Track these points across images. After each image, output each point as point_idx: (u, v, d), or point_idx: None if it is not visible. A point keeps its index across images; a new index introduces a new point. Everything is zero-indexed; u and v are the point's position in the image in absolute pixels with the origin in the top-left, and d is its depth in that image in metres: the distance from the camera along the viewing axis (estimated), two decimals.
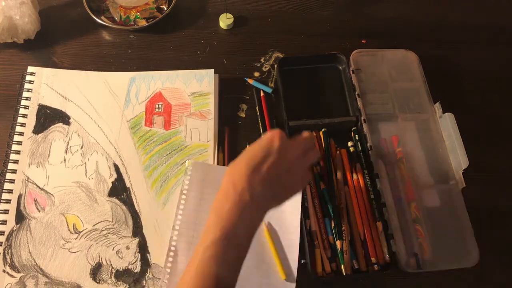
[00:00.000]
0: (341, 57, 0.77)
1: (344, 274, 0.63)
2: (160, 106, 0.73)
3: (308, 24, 0.85)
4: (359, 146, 0.71)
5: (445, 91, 0.77)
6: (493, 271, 0.66)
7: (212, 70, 0.76)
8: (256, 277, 0.61)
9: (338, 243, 0.64)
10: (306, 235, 0.64)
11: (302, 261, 0.63)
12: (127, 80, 0.75)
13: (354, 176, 0.69)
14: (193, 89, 0.75)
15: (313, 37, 0.83)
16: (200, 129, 0.72)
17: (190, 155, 0.70)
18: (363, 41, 0.83)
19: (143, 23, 0.81)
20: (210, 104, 0.73)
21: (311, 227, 0.65)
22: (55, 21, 0.81)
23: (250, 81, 0.77)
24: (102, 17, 0.81)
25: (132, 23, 0.82)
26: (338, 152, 0.71)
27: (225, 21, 0.82)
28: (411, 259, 0.63)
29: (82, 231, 0.64)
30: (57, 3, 0.84)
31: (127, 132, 0.71)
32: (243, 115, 0.75)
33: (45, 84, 0.74)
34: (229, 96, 0.76)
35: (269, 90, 0.76)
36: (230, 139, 0.72)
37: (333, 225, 0.65)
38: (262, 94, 0.76)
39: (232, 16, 0.82)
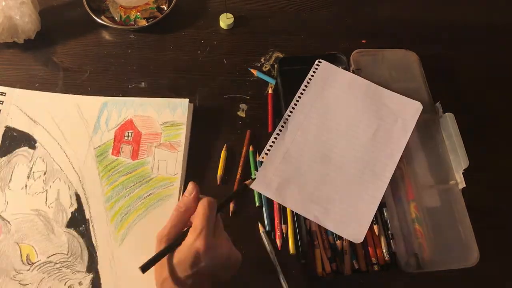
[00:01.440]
0: (341, 57, 0.77)
1: (344, 274, 0.63)
2: (130, 134, 0.70)
3: (308, 24, 0.85)
4: None
5: (445, 91, 0.77)
6: (493, 271, 0.66)
7: (187, 100, 0.73)
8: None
9: (338, 243, 0.64)
10: (306, 235, 0.64)
11: (302, 261, 0.63)
12: (99, 105, 0.72)
13: None
14: (166, 118, 0.72)
15: (313, 37, 0.83)
16: (168, 161, 0.69)
17: (155, 188, 0.67)
18: (363, 41, 0.83)
19: (143, 23, 0.81)
20: (181, 135, 0.70)
21: (311, 227, 0.65)
22: (55, 21, 0.81)
23: (254, 72, 0.78)
24: (102, 17, 0.81)
25: (132, 23, 0.82)
26: None
27: (225, 21, 0.82)
28: (411, 259, 0.63)
29: (36, 262, 0.61)
30: (57, 3, 0.84)
31: (93, 160, 0.68)
32: (243, 115, 0.75)
33: (14, 106, 0.71)
34: (229, 96, 0.76)
35: (273, 82, 0.77)
36: (230, 141, 0.72)
37: None
38: (270, 92, 0.76)
39: (232, 16, 0.82)
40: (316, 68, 0.74)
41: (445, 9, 0.89)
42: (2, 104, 0.72)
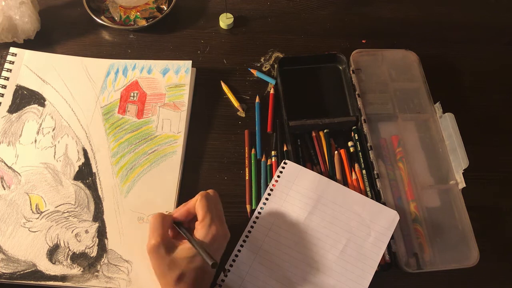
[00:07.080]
0: (341, 57, 0.77)
1: None
2: (135, 94, 0.74)
3: (308, 24, 0.85)
4: (359, 146, 0.71)
5: (445, 91, 0.77)
6: (493, 271, 0.66)
7: (190, 62, 0.76)
8: None
9: None
10: None
11: None
12: (106, 66, 0.76)
13: (354, 176, 0.69)
14: (170, 80, 0.75)
15: (313, 37, 0.83)
16: (172, 120, 0.72)
17: (159, 145, 0.70)
18: (363, 41, 0.83)
19: (143, 23, 0.81)
20: (184, 96, 0.73)
21: None
22: (55, 21, 0.81)
23: (254, 72, 0.78)
24: (102, 17, 0.81)
25: (132, 23, 0.82)
26: (337, 152, 0.71)
27: (225, 21, 0.82)
28: (411, 259, 0.63)
29: (44, 211, 0.64)
30: (57, 3, 0.83)
31: (100, 118, 0.72)
32: (243, 115, 0.75)
33: (25, 66, 0.75)
34: (229, 96, 0.76)
35: (273, 82, 0.77)
36: (230, 141, 0.72)
37: None
38: (272, 92, 0.76)
39: (232, 16, 0.82)
40: (283, 168, 0.67)
41: (445, 9, 0.89)
42: (13, 64, 0.75)
